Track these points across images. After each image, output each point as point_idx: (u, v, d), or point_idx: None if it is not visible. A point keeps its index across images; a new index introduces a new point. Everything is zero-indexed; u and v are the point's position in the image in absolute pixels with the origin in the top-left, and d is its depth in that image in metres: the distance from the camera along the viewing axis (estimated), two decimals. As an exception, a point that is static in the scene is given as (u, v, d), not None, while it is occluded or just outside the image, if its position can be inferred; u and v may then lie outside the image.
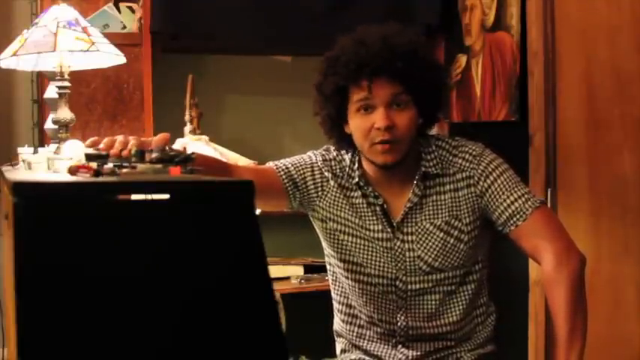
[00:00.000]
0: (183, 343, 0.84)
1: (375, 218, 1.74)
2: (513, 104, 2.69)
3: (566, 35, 2.46)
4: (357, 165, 1.75)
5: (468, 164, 1.72)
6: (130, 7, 2.92)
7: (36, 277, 0.80)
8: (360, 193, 1.75)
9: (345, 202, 1.76)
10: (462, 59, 3.02)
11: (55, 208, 0.84)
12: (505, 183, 1.70)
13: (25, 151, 1.85)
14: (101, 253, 0.84)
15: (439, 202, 1.72)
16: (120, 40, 2.40)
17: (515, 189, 1.69)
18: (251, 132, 3.35)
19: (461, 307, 1.76)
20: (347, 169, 1.77)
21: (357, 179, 1.74)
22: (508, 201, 1.68)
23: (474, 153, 1.73)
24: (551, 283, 1.60)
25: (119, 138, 1.34)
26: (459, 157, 1.73)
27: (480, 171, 1.71)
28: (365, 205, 1.75)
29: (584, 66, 2.40)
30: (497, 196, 1.69)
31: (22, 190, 0.85)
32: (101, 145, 1.30)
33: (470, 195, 1.71)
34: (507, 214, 1.67)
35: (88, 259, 0.83)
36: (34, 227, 0.82)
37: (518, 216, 1.67)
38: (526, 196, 1.68)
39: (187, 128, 2.95)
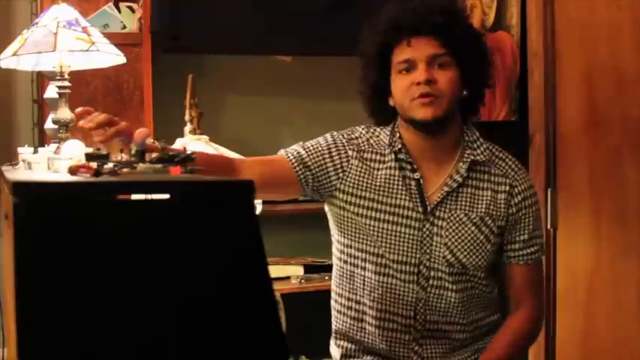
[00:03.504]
0: (184, 344, 0.84)
1: (407, 195, 1.69)
2: (513, 104, 2.70)
3: (566, 35, 2.46)
4: (397, 135, 1.73)
5: (513, 173, 1.74)
6: (130, 7, 2.92)
7: (36, 277, 0.80)
8: (395, 164, 1.71)
9: (370, 179, 1.71)
10: (462, 59, 3.01)
11: (55, 208, 0.84)
12: (535, 215, 1.75)
13: (25, 151, 1.84)
14: (101, 253, 0.84)
15: (477, 196, 1.71)
16: (120, 40, 2.40)
17: (539, 227, 1.77)
18: (251, 132, 3.34)
19: (478, 308, 1.76)
20: (387, 139, 1.73)
21: (399, 146, 1.71)
22: (530, 235, 1.74)
23: (518, 165, 1.77)
24: (515, 328, 1.75)
25: (102, 118, 1.36)
26: (504, 162, 1.75)
27: (523, 187, 1.73)
28: (398, 179, 1.70)
29: (584, 66, 2.40)
30: (525, 224, 1.73)
31: (22, 190, 0.85)
32: (85, 122, 1.33)
33: (507, 202, 1.72)
34: (518, 247, 1.74)
35: (88, 259, 0.83)
36: (34, 227, 0.82)
37: (526, 257, 1.74)
38: (540, 240, 1.77)
39: (187, 128, 2.95)
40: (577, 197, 2.43)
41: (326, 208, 1.81)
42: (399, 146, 1.71)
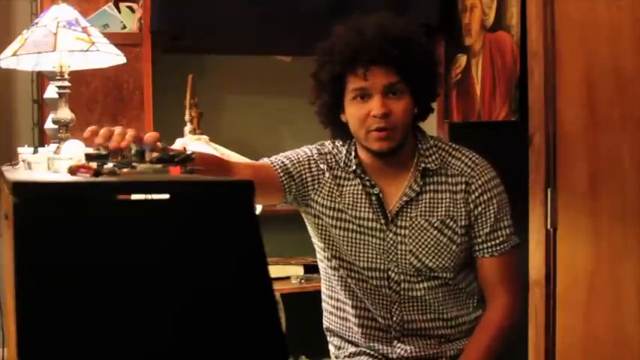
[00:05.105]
0: (184, 344, 0.84)
1: (369, 207, 1.75)
2: (513, 104, 2.69)
3: (566, 35, 2.46)
4: (353, 154, 1.77)
5: (469, 170, 1.74)
6: (130, 7, 2.92)
7: (36, 277, 0.80)
8: (357, 180, 1.76)
9: (338, 193, 1.77)
10: (462, 59, 3.01)
11: (55, 208, 0.84)
12: (497, 207, 1.73)
13: (25, 151, 1.85)
14: (101, 253, 0.84)
15: (436, 200, 1.73)
16: (120, 40, 2.40)
17: (504, 218, 1.75)
18: (251, 132, 3.34)
19: (457, 305, 1.78)
20: (344, 159, 1.78)
21: (354, 167, 1.76)
22: (492, 227, 1.72)
23: (475, 160, 1.76)
24: (488, 327, 1.74)
25: (117, 130, 1.32)
26: (459, 160, 1.75)
27: (480, 183, 1.73)
28: (362, 194, 1.76)
29: (584, 66, 2.40)
30: (486, 218, 1.73)
31: (22, 190, 0.85)
32: (99, 139, 1.30)
33: (466, 200, 1.73)
34: (481, 240, 1.73)
35: (88, 259, 0.83)
36: (34, 227, 0.82)
37: (491, 249, 1.73)
38: (509, 230, 1.74)
39: (187, 128, 2.95)
40: (577, 197, 2.42)
41: (303, 215, 1.86)
42: (354, 166, 1.76)
